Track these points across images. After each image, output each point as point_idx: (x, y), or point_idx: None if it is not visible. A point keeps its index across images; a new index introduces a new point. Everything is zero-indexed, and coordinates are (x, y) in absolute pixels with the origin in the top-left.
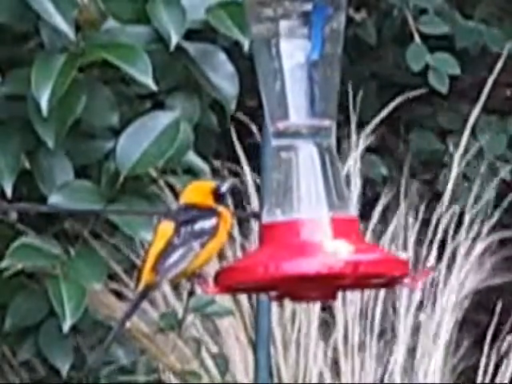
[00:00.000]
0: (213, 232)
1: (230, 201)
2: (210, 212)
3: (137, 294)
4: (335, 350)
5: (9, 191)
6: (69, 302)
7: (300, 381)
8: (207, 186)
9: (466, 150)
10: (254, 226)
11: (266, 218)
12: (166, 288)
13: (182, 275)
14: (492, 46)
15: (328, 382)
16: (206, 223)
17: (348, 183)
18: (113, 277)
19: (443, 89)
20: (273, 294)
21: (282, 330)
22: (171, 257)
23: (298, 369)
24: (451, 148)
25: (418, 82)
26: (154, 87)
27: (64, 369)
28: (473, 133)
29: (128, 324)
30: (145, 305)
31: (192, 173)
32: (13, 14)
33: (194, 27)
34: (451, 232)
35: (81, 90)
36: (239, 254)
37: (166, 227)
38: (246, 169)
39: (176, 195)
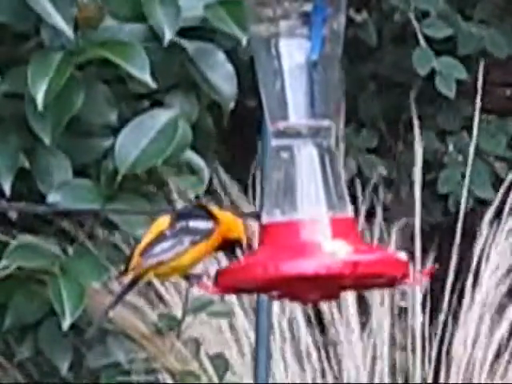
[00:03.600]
0: (207, 234)
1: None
2: (210, 216)
3: (125, 282)
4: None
5: (7, 190)
6: (68, 301)
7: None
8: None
9: (466, 151)
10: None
11: (265, 218)
12: (165, 289)
13: (170, 270)
14: (493, 50)
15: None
16: (202, 224)
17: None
18: (110, 277)
19: (450, 93)
20: (272, 294)
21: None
22: (159, 245)
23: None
24: (451, 148)
25: (417, 82)
26: (152, 84)
27: (63, 368)
28: (473, 133)
29: (125, 323)
30: (143, 305)
31: (191, 171)
32: (12, 13)
33: (191, 24)
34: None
35: (78, 87)
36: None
37: (162, 221)
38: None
39: (174, 194)
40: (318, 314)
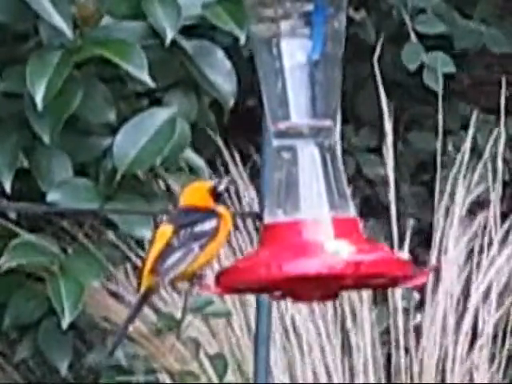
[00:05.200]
0: (213, 234)
1: (230, 201)
2: (211, 214)
3: (138, 296)
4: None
5: (8, 188)
6: (67, 299)
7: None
8: (205, 186)
9: (465, 150)
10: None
11: (267, 218)
12: (165, 289)
13: (182, 277)
14: (491, 46)
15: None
16: (206, 225)
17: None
18: (110, 277)
19: (438, 88)
20: (275, 293)
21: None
22: (170, 258)
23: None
24: (450, 148)
25: (417, 82)
26: (150, 83)
27: (63, 367)
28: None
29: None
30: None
31: (190, 170)
32: (12, 13)
33: (190, 23)
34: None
35: (77, 86)
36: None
37: (165, 230)
38: (245, 169)
39: (173, 193)
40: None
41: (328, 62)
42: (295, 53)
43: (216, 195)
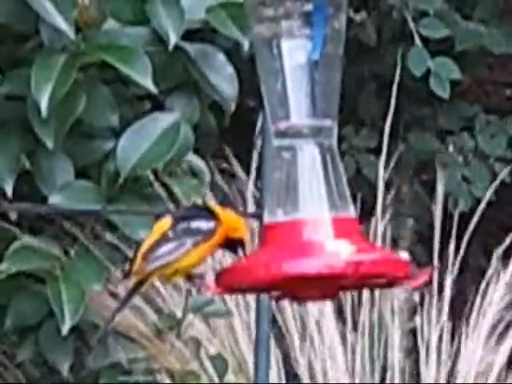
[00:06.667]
0: (209, 234)
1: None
2: (210, 215)
3: (129, 285)
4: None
5: (9, 191)
6: (68, 304)
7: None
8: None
9: (466, 151)
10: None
11: (267, 219)
12: (165, 288)
13: (173, 272)
14: (492, 47)
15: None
16: (204, 224)
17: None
18: (111, 279)
19: (444, 94)
20: (275, 293)
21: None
22: (162, 248)
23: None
24: (451, 148)
25: (418, 82)
26: (153, 89)
27: (64, 369)
28: (472, 133)
29: (125, 323)
30: (144, 305)
31: (192, 174)
32: (13, 13)
33: (193, 27)
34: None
35: (80, 90)
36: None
37: (164, 222)
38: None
39: (175, 195)
40: None
41: (328, 62)
42: (295, 53)
43: (232, 243)
